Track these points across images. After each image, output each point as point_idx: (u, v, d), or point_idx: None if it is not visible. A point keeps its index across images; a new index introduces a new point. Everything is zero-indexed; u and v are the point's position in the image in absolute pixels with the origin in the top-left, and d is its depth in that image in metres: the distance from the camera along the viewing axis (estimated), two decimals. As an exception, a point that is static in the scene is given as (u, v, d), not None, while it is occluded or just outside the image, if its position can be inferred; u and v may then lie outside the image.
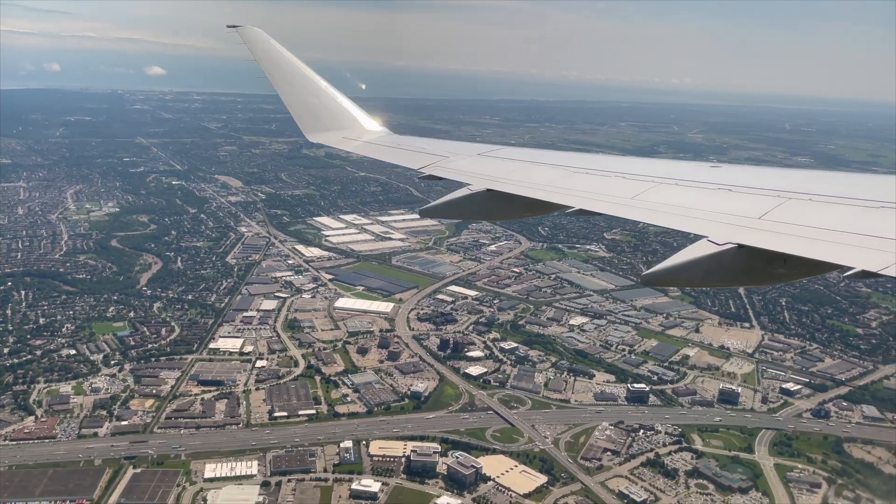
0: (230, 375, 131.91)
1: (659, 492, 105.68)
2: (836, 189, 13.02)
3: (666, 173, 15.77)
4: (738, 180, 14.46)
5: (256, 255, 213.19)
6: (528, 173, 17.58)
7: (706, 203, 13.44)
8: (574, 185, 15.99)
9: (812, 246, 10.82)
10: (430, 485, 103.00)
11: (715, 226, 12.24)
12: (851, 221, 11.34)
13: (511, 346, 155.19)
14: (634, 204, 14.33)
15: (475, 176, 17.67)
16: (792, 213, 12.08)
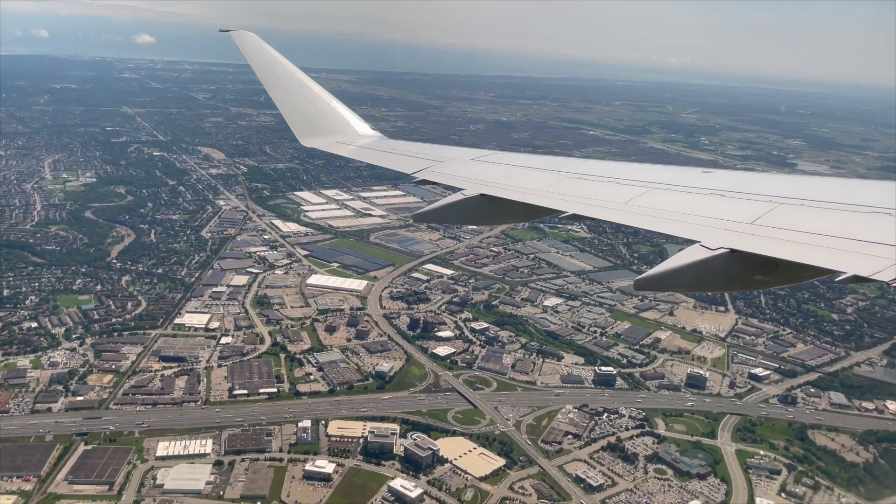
0: (193, 352, 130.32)
1: (617, 476, 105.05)
2: (828, 194, 13.09)
3: (659, 179, 15.82)
4: (730, 186, 14.54)
5: (232, 229, 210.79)
6: (522, 178, 17.59)
7: (698, 208, 13.51)
8: (567, 189, 16.07)
9: (803, 251, 10.81)
10: (387, 466, 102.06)
11: (707, 231, 12.24)
12: (842, 226, 11.35)
13: (482, 326, 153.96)
14: (627, 209, 14.27)
15: (469, 181, 17.68)
16: (783, 219, 12.11)
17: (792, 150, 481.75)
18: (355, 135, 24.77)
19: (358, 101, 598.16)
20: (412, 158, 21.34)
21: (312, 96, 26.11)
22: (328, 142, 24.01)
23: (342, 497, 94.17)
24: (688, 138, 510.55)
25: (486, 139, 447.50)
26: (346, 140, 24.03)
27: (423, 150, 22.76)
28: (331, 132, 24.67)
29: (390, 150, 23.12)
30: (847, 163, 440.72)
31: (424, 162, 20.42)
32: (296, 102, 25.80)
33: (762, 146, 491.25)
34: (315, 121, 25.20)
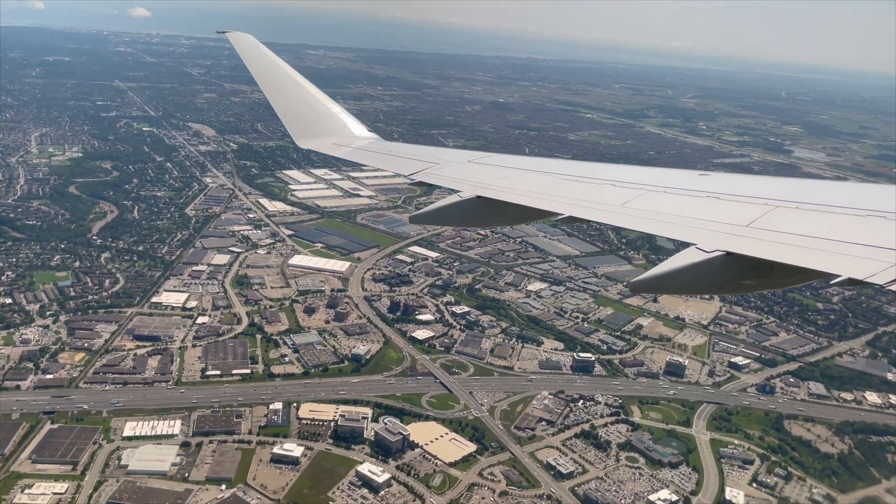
0: (168, 331, 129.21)
1: (588, 464, 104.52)
2: (824, 197, 13.12)
3: (655, 181, 15.85)
4: (726, 188, 14.56)
5: (217, 207, 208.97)
6: (519, 181, 17.57)
7: (694, 211, 13.54)
8: (564, 192, 16.04)
9: (799, 254, 10.86)
10: (357, 451, 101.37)
11: (703, 233, 12.26)
12: (838, 230, 11.38)
13: (463, 310, 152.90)
14: (624, 211, 14.30)
15: (465, 183, 17.73)
16: (779, 221, 12.15)
17: (789, 137, 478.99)
18: (352, 136, 24.76)
19: (354, 79, 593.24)
20: (409, 160, 21.39)
21: (309, 98, 26.10)
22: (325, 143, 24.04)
23: (309, 481, 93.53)
24: (685, 123, 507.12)
25: (482, 120, 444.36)
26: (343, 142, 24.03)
27: (420, 152, 22.84)
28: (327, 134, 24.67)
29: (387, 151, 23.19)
30: (844, 150, 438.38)
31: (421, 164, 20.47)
32: (292, 104, 25.84)
33: (759, 132, 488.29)
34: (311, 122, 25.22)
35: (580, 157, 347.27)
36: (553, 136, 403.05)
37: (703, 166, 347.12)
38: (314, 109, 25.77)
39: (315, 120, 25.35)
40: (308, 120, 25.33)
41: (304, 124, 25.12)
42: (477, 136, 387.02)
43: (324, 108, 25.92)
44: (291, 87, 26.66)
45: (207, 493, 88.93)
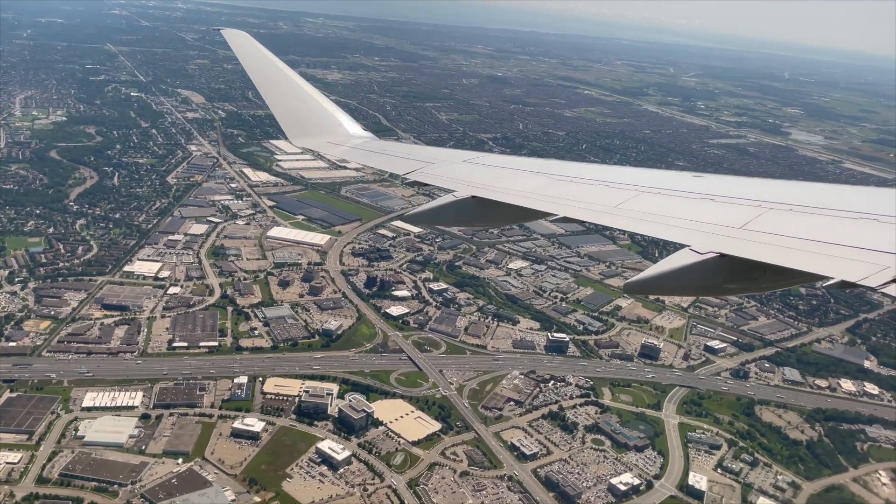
0: (138, 301, 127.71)
1: (553, 445, 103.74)
2: (817, 200, 13.16)
3: (649, 182, 15.88)
4: (720, 190, 14.56)
5: (200, 175, 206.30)
6: (513, 181, 17.56)
7: (688, 212, 13.51)
8: (558, 192, 16.00)
9: (792, 256, 10.91)
10: (319, 427, 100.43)
11: (697, 235, 12.26)
12: (831, 232, 11.40)
13: (441, 287, 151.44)
14: (618, 212, 14.26)
15: (460, 182, 17.66)
16: (773, 223, 12.20)
17: (788, 119, 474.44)
18: (346, 135, 24.59)
19: (352, 48, 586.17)
20: (403, 160, 21.29)
21: (304, 96, 25.92)
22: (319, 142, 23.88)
23: (268, 456, 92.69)
24: (684, 102, 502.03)
25: (478, 94, 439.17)
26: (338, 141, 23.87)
27: (415, 152, 22.70)
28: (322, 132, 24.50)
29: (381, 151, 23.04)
30: (842, 134, 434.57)
31: (415, 163, 20.34)
32: (287, 102, 25.69)
33: (759, 113, 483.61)
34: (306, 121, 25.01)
35: (574, 133, 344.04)
36: (548, 112, 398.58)
37: (697, 146, 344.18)
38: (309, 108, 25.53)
39: (310, 118, 25.11)
40: (303, 118, 25.07)
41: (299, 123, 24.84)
42: (471, 109, 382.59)
43: (319, 107, 25.67)
44: (286, 85, 26.41)
45: (163, 467, 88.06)
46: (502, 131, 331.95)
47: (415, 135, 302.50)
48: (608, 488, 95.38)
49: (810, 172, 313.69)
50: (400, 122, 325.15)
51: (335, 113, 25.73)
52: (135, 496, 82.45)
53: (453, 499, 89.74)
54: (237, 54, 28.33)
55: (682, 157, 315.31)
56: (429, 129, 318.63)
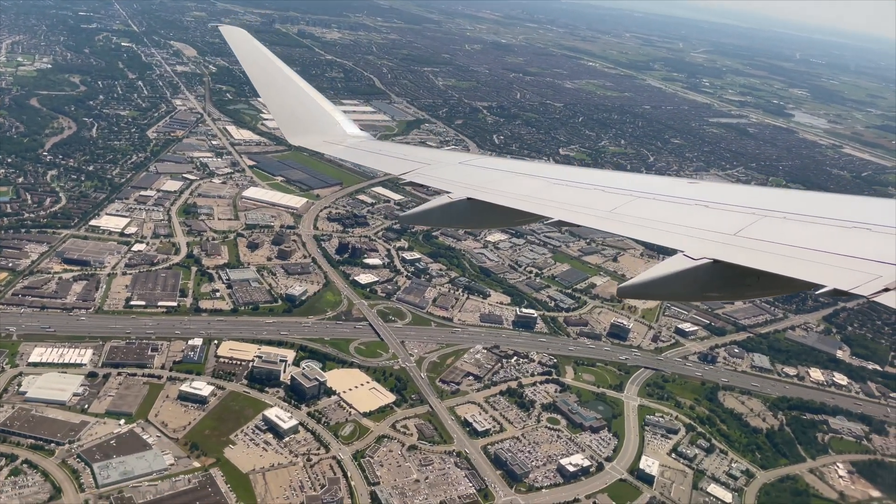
0: (100, 256, 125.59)
1: (507, 423, 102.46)
2: (811, 208, 13.21)
3: (644, 187, 15.91)
4: (715, 196, 14.66)
5: (181, 131, 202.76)
6: (509, 184, 17.42)
7: (682, 218, 13.55)
8: (554, 196, 15.99)
9: (785, 263, 10.97)
10: (270, 393, 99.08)
11: (691, 241, 12.28)
12: (824, 240, 11.46)
13: (414, 257, 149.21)
14: (612, 217, 14.34)
15: (456, 184, 17.52)
16: (766, 231, 12.21)
17: (793, 101, 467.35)
18: (343, 135, 24.28)
19: (355, 7, 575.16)
20: (400, 160, 21.09)
21: (301, 95, 25.69)
22: (316, 140, 23.61)
23: (214, 421, 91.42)
24: (689, 79, 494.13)
25: (479, 61, 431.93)
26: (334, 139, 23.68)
27: (411, 153, 22.61)
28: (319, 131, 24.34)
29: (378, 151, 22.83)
30: (846, 118, 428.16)
31: (412, 164, 20.16)
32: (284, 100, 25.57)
33: (764, 93, 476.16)
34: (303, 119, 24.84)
35: (571, 105, 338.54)
36: (548, 83, 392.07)
37: (696, 124, 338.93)
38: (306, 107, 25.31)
39: (306, 117, 24.88)
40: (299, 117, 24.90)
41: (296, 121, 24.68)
42: (470, 76, 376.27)
43: (315, 106, 25.42)
44: (283, 83, 26.13)
45: (104, 427, 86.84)
46: (499, 100, 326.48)
47: (408, 99, 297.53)
48: (557, 469, 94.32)
49: (808, 156, 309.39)
50: (395, 86, 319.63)
51: (332, 112, 25.44)
52: (71, 456, 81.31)
53: (398, 473, 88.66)
54: (235, 51, 28.02)
55: (680, 134, 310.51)
56: (423, 95, 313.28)
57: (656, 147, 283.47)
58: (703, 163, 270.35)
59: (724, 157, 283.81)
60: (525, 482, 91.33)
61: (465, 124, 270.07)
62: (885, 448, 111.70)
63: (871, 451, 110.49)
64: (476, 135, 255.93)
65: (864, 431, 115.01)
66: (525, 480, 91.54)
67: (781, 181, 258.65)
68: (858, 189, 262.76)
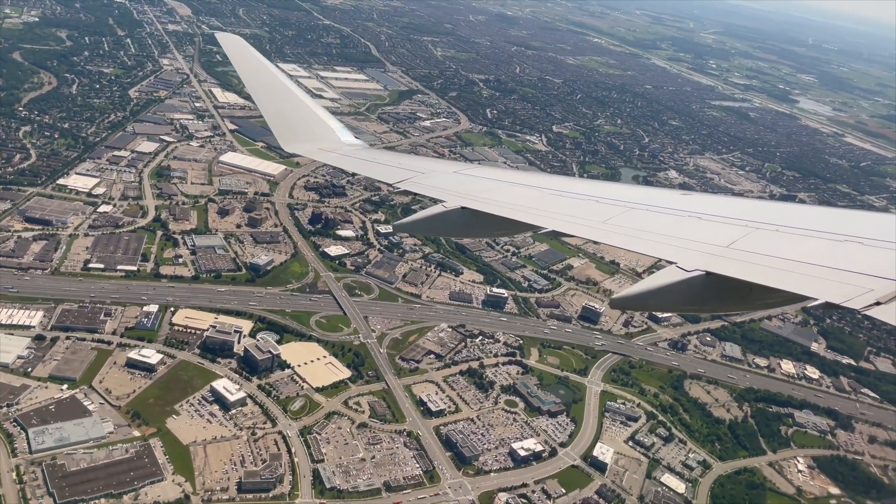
0: (63, 216, 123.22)
1: (463, 403, 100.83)
2: (803, 221, 13.32)
3: (638, 199, 15.90)
4: (708, 209, 14.62)
5: (165, 91, 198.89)
6: (504, 193, 17.51)
7: (676, 230, 13.53)
8: (548, 206, 16.02)
9: (777, 276, 11.04)
10: (222, 364, 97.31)
11: (684, 252, 12.28)
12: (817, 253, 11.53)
13: (389, 230, 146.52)
14: (606, 228, 14.24)
15: (450, 193, 17.44)
16: (759, 243, 12.27)
17: (800, 86, 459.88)
18: (338, 143, 23.93)
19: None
20: (394, 169, 20.90)
21: (297, 102, 25.58)
22: (311, 148, 23.39)
23: (160, 390, 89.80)
24: (696, 59, 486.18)
25: (481, 32, 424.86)
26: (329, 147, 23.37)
27: (406, 161, 22.60)
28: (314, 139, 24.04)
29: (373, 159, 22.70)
30: (852, 106, 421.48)
31: (406, 173, 20.08)
32: (279, 108, 25.38)
33: (770, 78, 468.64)
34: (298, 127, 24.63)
35: (571, 81, 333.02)
36: (550, 58, 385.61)
37: (697, 106, 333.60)
38: (301, 114, 25.16)
39: (301, 125, 24.68)
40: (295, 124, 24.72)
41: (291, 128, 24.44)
42: (470, 48, 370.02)
43: (311, 114, 25.25)
44: (279, 90, 26.09)
45: (45, 392, 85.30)
46: (497, 73, 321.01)
47: (403, 69, 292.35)
48: (509, 452, 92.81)
49: (808, 143, 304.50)
50: (391, 55, 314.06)
51: (327, 120, 25.18)
52: (7, 419, 79.81)
53: (344, 451, 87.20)
54: (230, 58, 28.13)
55: (679, 116, 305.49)
56: (420, 65, 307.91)
57: (653, 128, 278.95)
58: (699, 146, 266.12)
59: (721, 140, 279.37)
60: (474, 465, 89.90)
61: (459, 97, 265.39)
62: (850, 444, 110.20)
63: (835, 447, 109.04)
64: (469, 108, 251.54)
65: (830, 426, 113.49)
66: (474, 463, 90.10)
67: (777, 168, 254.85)
68: (855, 179, 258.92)
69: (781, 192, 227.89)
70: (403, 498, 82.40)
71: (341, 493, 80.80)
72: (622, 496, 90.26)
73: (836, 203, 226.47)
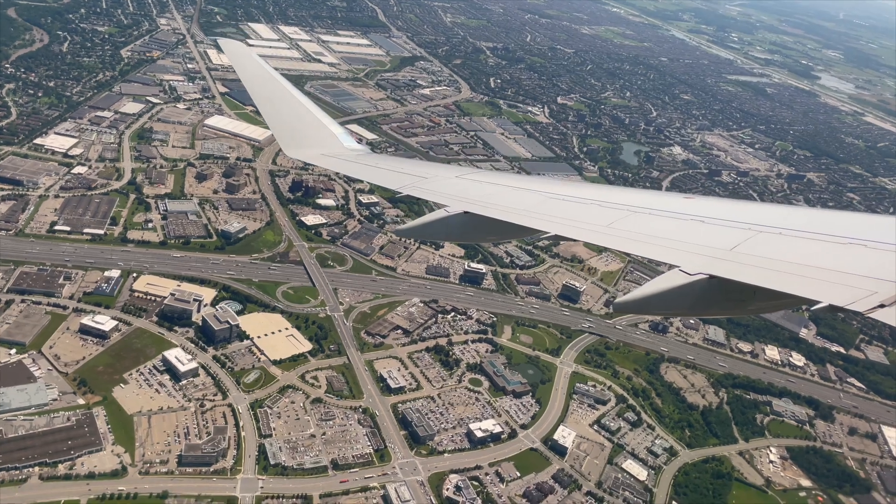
0: (35, 177, 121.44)
1: (425, 381, 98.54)
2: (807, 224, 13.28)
3: (641, 203, 15.88)
4: (711, 212, 14.54)
5: (158, 52, 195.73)
6: (506, 198, 17.39)
7: (679, 233, 13.56)
8: (551, 210, 16.02)
9: (781, 279, 10.98)
10: (179, 333, 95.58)
11: (687, 256, 12.24)
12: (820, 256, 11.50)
13: (372, 200, 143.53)
14: (609, 232, 14.22)
15: (453, 198, 17.35)
16: (762, 246, 12.22)
17: (824, 62, 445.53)
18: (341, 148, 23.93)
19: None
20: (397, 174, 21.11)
21: (299, 108, 25.70)
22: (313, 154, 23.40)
23: (111, 358, 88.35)
24: (717, 32, 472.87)
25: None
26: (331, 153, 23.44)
27: (408, 167, 22.62)
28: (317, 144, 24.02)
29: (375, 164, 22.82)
30: (876, 84, 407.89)
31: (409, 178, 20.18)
32: (282, 113, 25.50)
33: (793, 53, 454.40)
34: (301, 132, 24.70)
35: (583, 52, 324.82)
36: (564, 27, 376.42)
37: (712, 80, 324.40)
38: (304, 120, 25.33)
39: (304, 130, 24.74)
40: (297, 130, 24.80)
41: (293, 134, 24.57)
42: (481, 14, 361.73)
43: (313, 119, 25.27)
44: (282, 95, 26.27)
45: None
46: (506, 41, 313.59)
47: (409, 34, 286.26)
48: (466, 433, 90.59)
49: (824, 122, 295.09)
50: (398, 20, 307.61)
51: (330, 125, 25.15)
52: (-50, 383, 78.76)
53: (295, 426, 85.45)
54: (233, 64, 28.42)
55: (692, 90, 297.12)
56: (427, 31, 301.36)
57: (663, 102, 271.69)
58: (709, 121, 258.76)
59: (733, 116, 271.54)
60: (428, 445, 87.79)
61: (463, 64, 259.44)
62: (827, 435, 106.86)
63: (812, 438, 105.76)
64: (472, 76, 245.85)
65: (809, 416, 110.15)
66: (429, 443, 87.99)
67: (788, 146, 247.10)
68: (870, 159, 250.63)
69: (790, 170, 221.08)
70: (350, 477, 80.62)
71: (286, 469, 79.12)
72: (579, 482, 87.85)
73: (846, 184, 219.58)
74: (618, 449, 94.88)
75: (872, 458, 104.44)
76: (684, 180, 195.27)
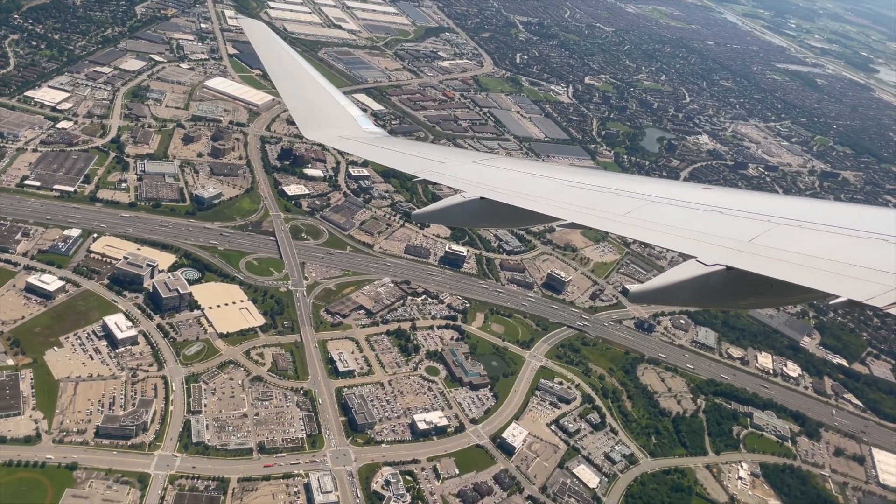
0: (17, 129, 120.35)
1: (378, 366, 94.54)
2: (826, 217, 13.13)
3: (658, 193, 15.71)
4: (729, 203, 14.46)
5: (174, 9, 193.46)
6: (523, 184, 17.38)
7: (696, 224, 13.43)
8: (567, 198, 15.96)
9: (799, 272, 10.82)
10: (128, 298, 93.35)
11: (704, 247, 12.14)
12: (839, 250, 11.37)
13: (362, 174, 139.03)
14: (626, 221, 14.07)
15: (469, 183, 17.40)
16: (781, 239, 12.08)
17: (886, 55, 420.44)
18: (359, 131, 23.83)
19: None
20: (414, 158, 20.94)
21: (319, 90, 25.59)
22: (331, 136, 23.40)
23: (51, 320, 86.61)
24: (775, 17, 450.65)
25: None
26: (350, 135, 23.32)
27: (425, 151, 22.77)
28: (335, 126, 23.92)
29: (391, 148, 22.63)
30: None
31: (426, 162, 20.09)
32: (302, 95, 25.56)
33: (853, 44, 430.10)
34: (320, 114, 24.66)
35: (623, 31, 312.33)
36: (608, 5, 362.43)
37: (759, 68, 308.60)
38: (323, 102, 25.13)
39: (323, 112, 24.65)
40: (316, 112, 24.76)
41: (312, 116, 24.50)
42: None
43: (332, 101, 25.11)
44: (301, 78, 26.16)
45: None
46: (542, 16, 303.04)
47: (440, 4, 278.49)
48: (410, 424, 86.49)
49: (873, 118, 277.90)
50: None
51: (348, 108, 24.96)
52: None
53: (228, 404, 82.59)
54: (254, 45, 28.23)
55: (734, 77, 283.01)
56: (459, 1, 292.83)
57: (699, 87, 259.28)
58: (746, 111, 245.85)
59: (773, 107, 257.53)
60: (367, 434, 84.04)
61: (491, 38, 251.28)
62: (810, 454, 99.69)
63: (791, 456, 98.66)
64: (498, 51, 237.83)
65: (793, 432, 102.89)
66: (367, 432, 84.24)
67: (828, 141, 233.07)
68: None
69: (824, 167, 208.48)
70: (276, 461, 77.47)
71: (207, 449, 76.37)
72: (522, 484, 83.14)
73: (884, 185, 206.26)
74: (572, 452, 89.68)
75: (856, 482, 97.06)
76: (706, 172, 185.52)
